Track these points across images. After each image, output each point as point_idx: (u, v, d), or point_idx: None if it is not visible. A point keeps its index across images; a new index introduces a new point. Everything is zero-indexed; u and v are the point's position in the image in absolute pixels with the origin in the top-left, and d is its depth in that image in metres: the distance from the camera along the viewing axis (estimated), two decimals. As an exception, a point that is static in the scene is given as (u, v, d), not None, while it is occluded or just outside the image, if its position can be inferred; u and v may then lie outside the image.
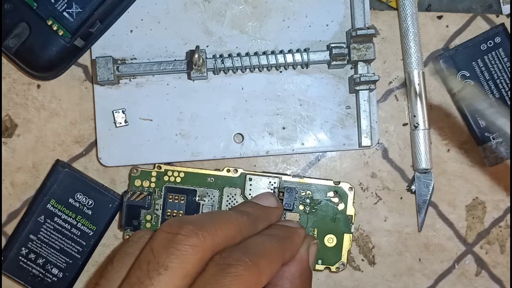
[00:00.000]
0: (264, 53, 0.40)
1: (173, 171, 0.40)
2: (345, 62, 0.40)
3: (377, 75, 0.39)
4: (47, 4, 0.38)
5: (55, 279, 0.40)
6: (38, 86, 0.42)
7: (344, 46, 0.39)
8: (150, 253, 0.27)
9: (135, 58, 0.41)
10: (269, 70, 0.41)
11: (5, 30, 0.38)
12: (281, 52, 0.40)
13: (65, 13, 0.38)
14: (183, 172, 0.40)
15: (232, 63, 0.40)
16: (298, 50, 0.40)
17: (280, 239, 0.32)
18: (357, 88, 0.40)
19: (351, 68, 0.41)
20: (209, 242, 0.27)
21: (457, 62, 0.41)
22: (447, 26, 0.42)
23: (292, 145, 0.41)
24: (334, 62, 0.40)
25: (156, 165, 0.40)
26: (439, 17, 0.42)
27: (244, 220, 0.31)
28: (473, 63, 0.41)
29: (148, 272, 0.26)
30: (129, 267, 0.29)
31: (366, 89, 0.40)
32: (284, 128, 0.41)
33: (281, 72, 0.41)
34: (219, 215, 0.31)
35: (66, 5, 0.38)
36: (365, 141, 0.40)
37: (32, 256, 0.40)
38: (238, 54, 0.40)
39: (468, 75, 0.41)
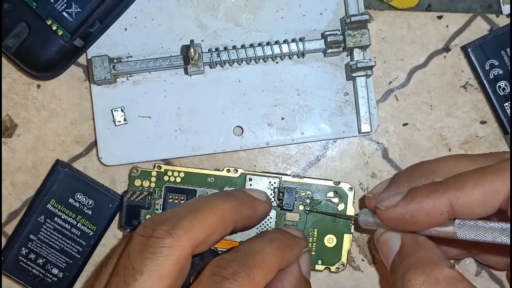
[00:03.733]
0: (259, 44, 0.40)
1: (173, 171, 0.40)
2: (341, 49, 0.40)
3: (373, 61, 0.39)
4: (46, 4, 0.38)
5: (55, 279, 0.40)
6: (38, 86, 0.42)
7: (339, 33, 0.39)
8: (126, 258, 0.27)
9: (131, 56, 0.41)
10: (265, 62, 0.41)
11: (5, 30, 0.38)
12: (276, 42, 0.40)
13: (64, 13, 0.38)
14: (183, 172, 0.40)
15: (228, 56, 0.40)
16: (293, 40, 0.40)
17: (281, 246, 0.31)
18: (354, 74, 0.40)
19: (347, 55, 0.41)
20: (185, 239, 0.27)
21: (486, 51, 0.41)
22: (447, 26, 0.42)
23: (292, 135, 0.41)
24: (329, 50, 0.40)
25: (156, 165, 0.40)
26: (439, 17, 0.42)
27: (226, 205, 0.30)
28: (502, 52, 0.41)
29: (125, 278, 0.26)
30: None
31: (363, 75, 0.40)
32: (283, 118, 0.41)
33: (277, 63, 0.41)
34: (196, 205, 0.30)
35: (65, 5, 0.38)
36: (365, 127, 0.40)
37: (32, 256, 0.40)
38: (234, 47, 0.40)
39: (497, 63, 0.41)
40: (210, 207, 0.30)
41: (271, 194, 0.40)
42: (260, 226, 0.40)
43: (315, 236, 0.40)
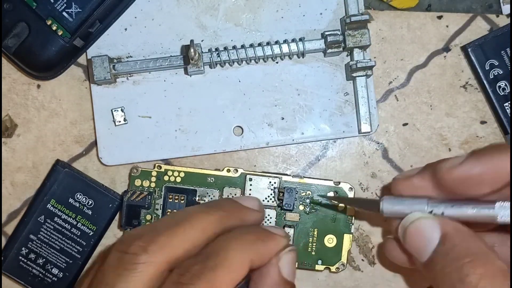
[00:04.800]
0: (259, 44, 0.40)
1: (173, 171, 0.40)
2: (341, 49, 0.40)
3: (373, 61, 0.39)
4: (46, 4, 0.38)
5: (55, 279, 0.40)
6: (38, 86, 0.42)
7: (339, 33, 0.39)
8: (100, 274, 0.27)
9: (131, 56, 0.41)
10: (265, 62, 0.41)
11: (5, 30, 0.38)
12: (276, 42, 0.40)
13: (64, 13, 0.38)
14: (183, 172, 0.40)
15: (228, 56, 0.40)
16: (293, 40, 0.40)
17: (250, 239, 0.29)
18: (354, 74, 0.40)
19: (347, 55, 0.41)
20: (160, 256, 0.26)
21: (485, 51, 0.41)
22: (447, 26, 0.42)
23: (292, 135, 0.41)
24: (329, 50, 0.40)
25: (156, 164, 0.40)
26: (439, 17, 0.42)
27: (209, 218, 0.29)
28: (502, 52, 0.41)
29: None
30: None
31: (363, 75, 0.40)
32: (283, 118, 0.41)
33: (277, 63, 0.41)
34: (178, 218, 0.29)
35: (65, 5, 0.38)
36: (365, 127, 0.40)
37: (32, 256, 0.40)
38: (234, 47, 0.40)
39: (497, 64, 0.41)
40: (191, 219, 0.29)
41: (271, 194, 0.40)
42: (260, 225, 0.40)
43: (315, 236, 0.40)
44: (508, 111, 0.41)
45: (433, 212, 0.30)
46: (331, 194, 0.40)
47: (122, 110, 0.41)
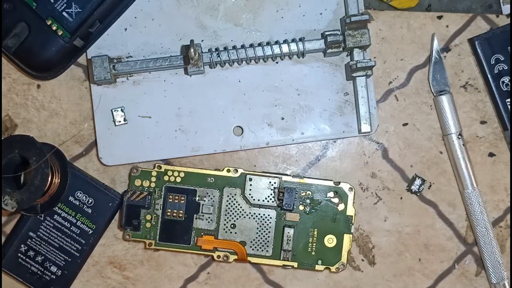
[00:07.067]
0: (259, 44, 0.40)
1: (173, 171, 0.40)
2: (341, 49, 0.40)
3: (373, 61, 0.39)
4: (46, 4, 0.38)
5: (54, 277, 0.40)
6: (38, 86, 0.42)
7: (339, 33, 0.39)
8: None
9: (131, 56, 0.41)
10: (265, 62, 0.41)
11: (5, 29, 0.38)
12: (276, 42, 0.40)
13: (64, 13, 0.38)
14: (183, 172, 0.40)
15: (228, 56, 0.40)
16: (293, 40, 0.40)
17: None
18: (354, 74, 0.40)
19: (347, 55, 0.41)
20: None
21: (493, 45, 0.41)
22: (447, 26, 0.42)
23: (292, 135, 0.41)
24: (329, 50, 0.40)
25: (156, 164, 0.40)
26: (439, 17, 0.42)
27: None
28: (509, 47, 0.41)
29: None
30: None
31: (363, 75, 0.40)
32: (283, 118, 0.41)
33: (277, 63, 0.41)
34: None
35: (65, 5, 0.38)
36: (365, 127, 0.40)
37: (31, 253, 0.40)
38: (234, 47, 0.40)
39: (503, 59, 0.40)
40: None
41: (271, 194, 0.40)
42: (260, 226, 0.40)
43: (315, 236, 0.40)
44: (509, 107, 0.41)
45: None
46: (331, 194, 0.40)
47: (122, 110, 0.41)
